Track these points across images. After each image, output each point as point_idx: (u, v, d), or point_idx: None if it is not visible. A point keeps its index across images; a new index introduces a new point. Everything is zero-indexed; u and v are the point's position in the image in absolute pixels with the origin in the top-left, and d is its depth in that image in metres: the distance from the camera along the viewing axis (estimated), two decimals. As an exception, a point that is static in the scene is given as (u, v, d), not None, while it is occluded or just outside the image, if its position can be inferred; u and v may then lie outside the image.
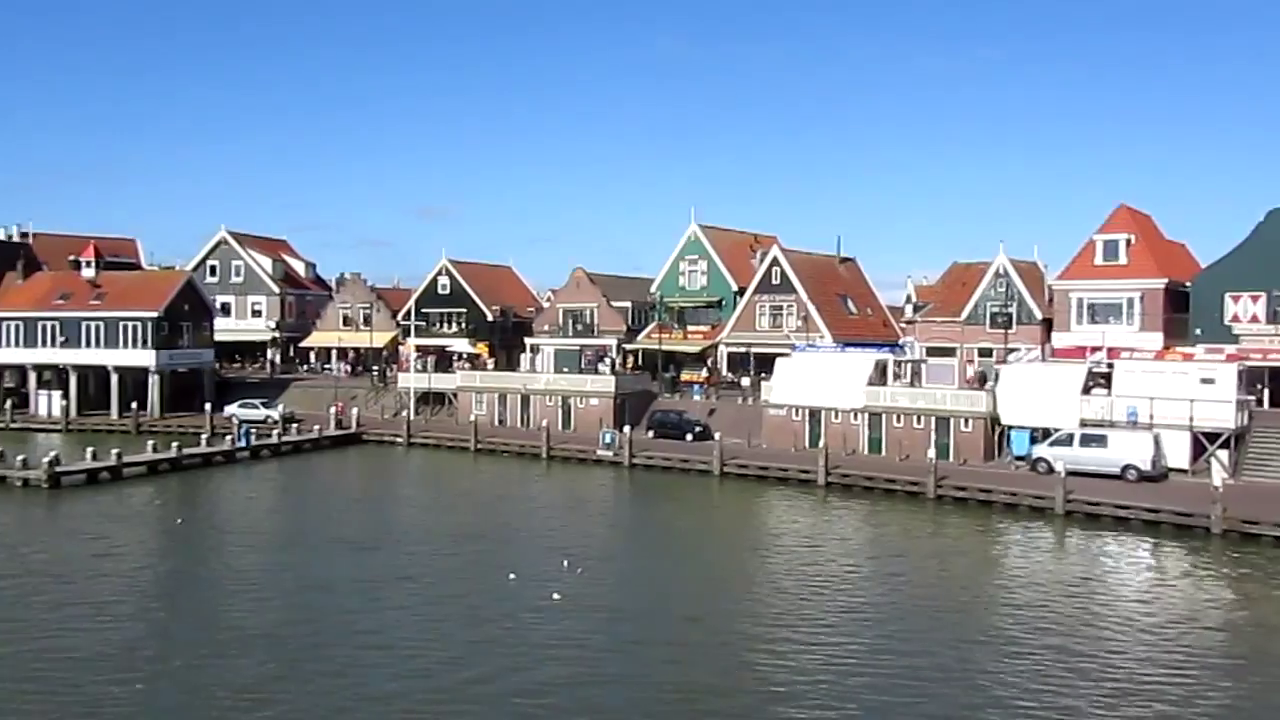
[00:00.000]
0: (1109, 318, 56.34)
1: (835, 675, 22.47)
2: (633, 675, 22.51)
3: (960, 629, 25.95)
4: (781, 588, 29.63)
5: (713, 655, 23.91)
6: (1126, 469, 42.22)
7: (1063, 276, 58.52)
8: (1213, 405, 43.23)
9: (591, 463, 52.93)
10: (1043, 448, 44.72)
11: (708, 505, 44.63)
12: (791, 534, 37.74)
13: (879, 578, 31.26)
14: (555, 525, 39.65)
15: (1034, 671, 22.81)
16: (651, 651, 24.05)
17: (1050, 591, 29.49)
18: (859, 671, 22.71)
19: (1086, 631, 25.69)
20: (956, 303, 61.93)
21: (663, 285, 75.02)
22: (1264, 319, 52.05)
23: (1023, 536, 37.15)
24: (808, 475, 46.31)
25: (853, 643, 24.72)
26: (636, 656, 23.75)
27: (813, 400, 52.70)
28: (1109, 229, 57.64)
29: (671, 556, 34.89)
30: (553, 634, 25.06)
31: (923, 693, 21.52)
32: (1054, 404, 46.51)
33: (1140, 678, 22.52)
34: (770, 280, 68.53)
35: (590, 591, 29.07)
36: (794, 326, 66.61)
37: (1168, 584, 31.23)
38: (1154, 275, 55.76)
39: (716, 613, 27.26)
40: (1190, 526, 36.52)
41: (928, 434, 49.06)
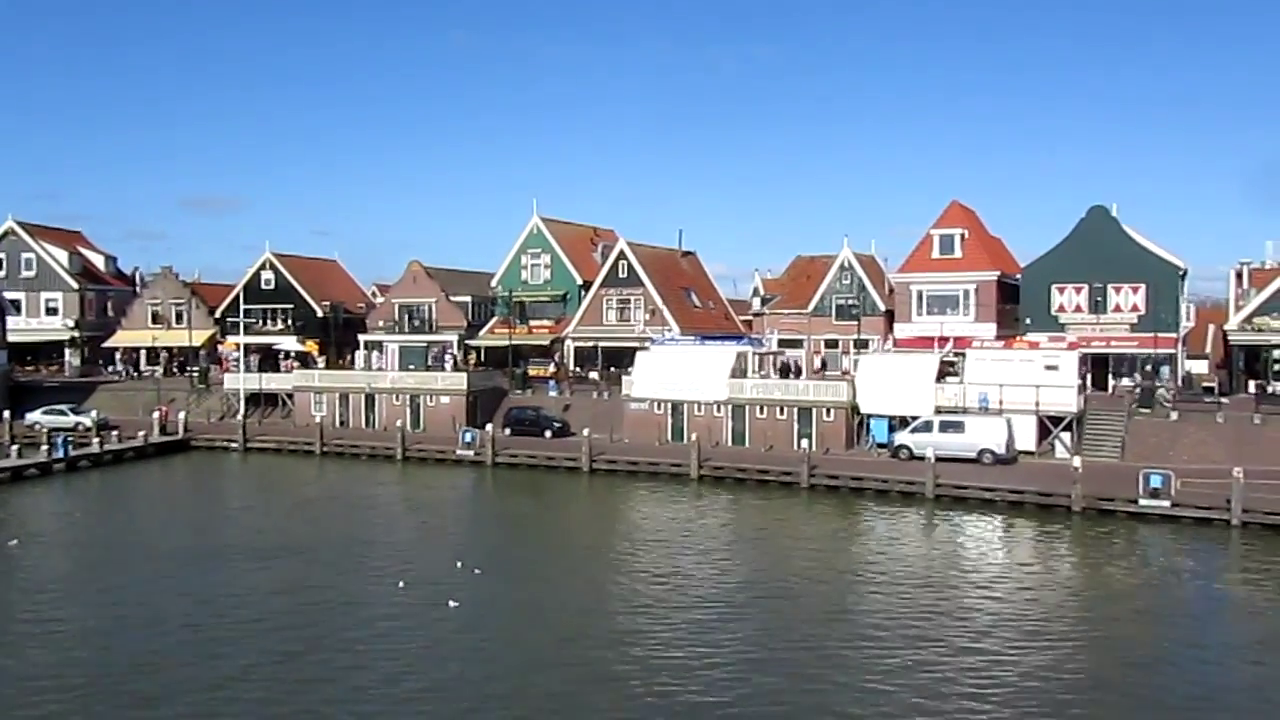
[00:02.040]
0: (947, 309, 59.05)
1: (732, 662, 22.49)
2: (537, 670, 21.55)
3: (840, 610, 26.55)
4: (664, 580, 29.36)
5: (608, 648, 23.51)
6: (983, 453, 44.22)
7: (902, 270, 60.91)
8: (1057, 391, 45.92)
9: (451, 463, 50.97)
10: (904, 435, 46.25)
11: (582, 502, 43.77)
12: (670, 528, 37.24)
13: (760, 566, 31.42)
14: (431, 529, 37.93)
15: (913, 645, 23.61)
16: (557, 650, 23.09)
17: (925, 570, 30.61)
18: (742, 656, 22.91)
19: (960, 606, 26.83)
20: (803, 295, 63.45)
21: (504, 279, 73.35)
22: (1086, 309, 55.84)
23: (897, 520, 38.22)
24: (679, 469, 46.18)
25: (739, 628, 24.91)
26: (538, 654, 22.74)
27: (675, 394, 52.65)
28: (944, 224, 60.42)
29: (559, 555, 33.82)
30: (454, 640, 23.72)
31: (801, 675, 21.79)
32: (910, 393, 48.22)
33: (1009, 643, 23.85)
34: (617, 273, 68.12)
35: (489, 595, 27.97)
36: (643, 320, 66.49)
37: (1033, 559, 33.02)
38: (987, 268, 58.85)
39: (610, 610, 26.65)
40: (1051, 506, 38.57)
41: (791, 424, 49.91)
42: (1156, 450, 44.36)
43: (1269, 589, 29.32)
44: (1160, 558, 33.55)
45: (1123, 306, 55.07)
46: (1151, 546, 34.45)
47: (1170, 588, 30.23)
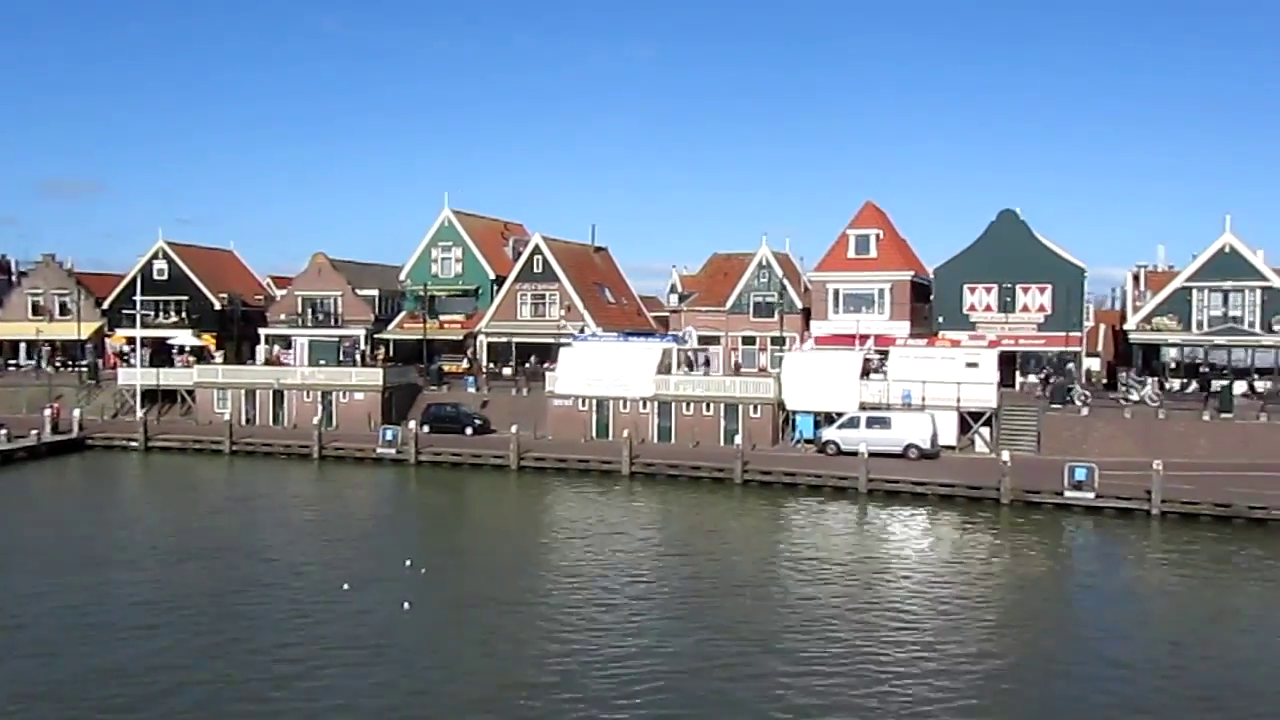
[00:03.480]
0: (862, 307, 60.17)
1: (661, 658, 22.44)
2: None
3: (782, 604, 26.79)
4: (601, 577, 29.20)
5: (552, 644, 23.41)
6: (909, 448, 45.16)
7: (819, 269, 61.82)
8: (977, 387, 47.27)
9: (371, 461, 49.43)
10: (832, 430, 46.91)
11: (515, 500, 43.00)
12: (607, 525, 36.85)
13: (699, 563, 31.34)
14: (363, 529, 36.79)
15: (853, 634, 24.15)
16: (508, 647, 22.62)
17: (862, 563, 31.18)
18: (683, 650, 22.96)
19: (897, 596, 27.51)
20: (720, 293, 63.79)
21: (413, 273, 71.67)
22: (996, 308, 57.65)
23: (832, 515, 38.73)
24: (611, 466, 45.82)
25: (682, 624, 24.97)
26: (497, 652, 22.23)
27: (600, 390, 52.25)
28: (859, 224, 61.56)
29: (501, 554, 33.01)
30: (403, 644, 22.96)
31: (735, 665, 22.01)
32: (835, 389, 48.95)
33: (945, 630, 24.66)
34: (532, 268, 67.31)
35: (442, 595, 27.33)
36: (558, 315, 65.88)
37: (966, 550, 33.88)
38: (901, 268, 60.21)
39: (558, 607, 26.28)
40: (980, 498, 39.64)
41: (718, 421, 50.11)
42: (1070, 444, 46.05)
43: (1187, 574, 30.80)
44: (1085, 547, 35.02)
45: (1030, 306, 57.05)
46: (1077, 536, 35.80)
47: (1094, 575, 31.65)
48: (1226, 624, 26.05)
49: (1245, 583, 30.44)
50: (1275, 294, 53.78)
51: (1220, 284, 54.65)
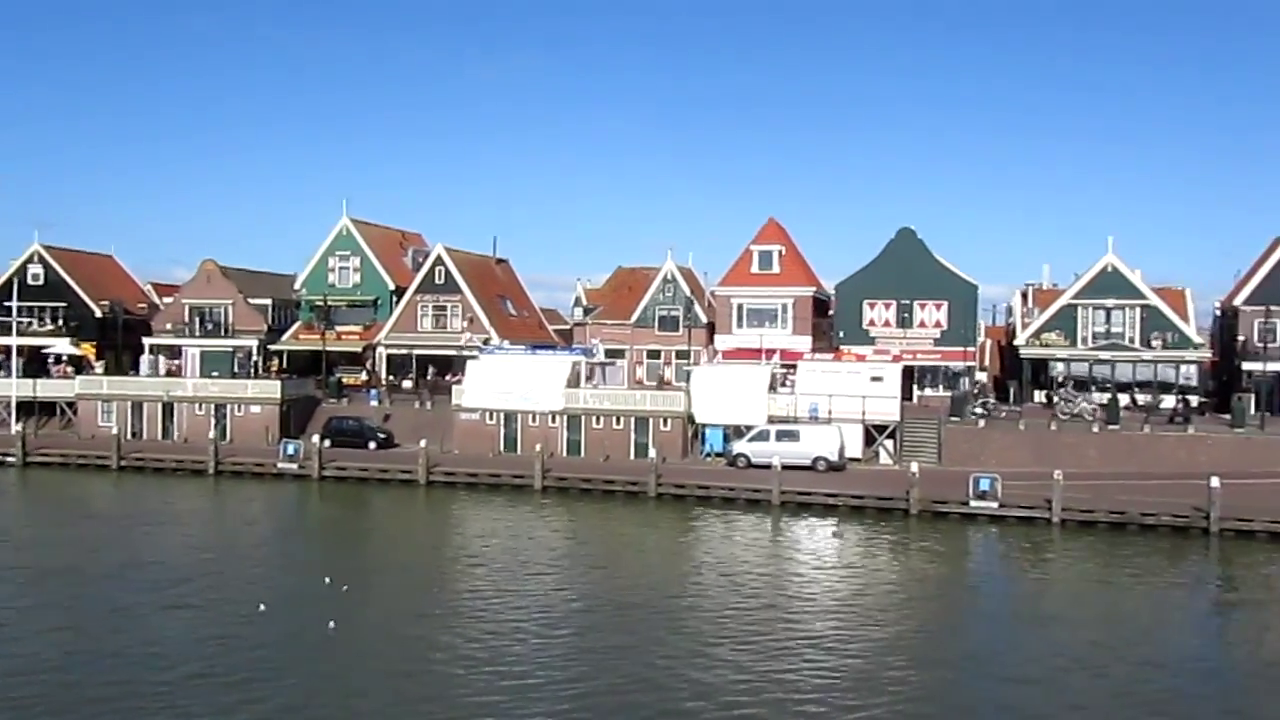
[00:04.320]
0: (766, 322, 61.13)
1: (575, 674, 22.33)
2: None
3: (695, 615, 26.92)
4: (524, 592, 28.85)
5: (485, 658, 23.17)
6: (817, 460, 45.97)
7: (723, 283, 62.56)
8: (881, 400, 48.46)
9: (271, 477, 47.73)
10: (742, 443, 47.41)
11: (426, 516, 42.21)
12: (521, 540, 36.51)
13: (617, 576, 31.40)
14: (272, 547, 35.62)
15: (768, 644, 24.41)
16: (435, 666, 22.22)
17: (776, 574, 31.82)
18: (600, 661, 22.96)
19: (810, 607, 28.06)
20: (625, 306, 63.92)
21: (309, 282, 69.72)
22: (895, 323, 59.30)
23: (746, 527, 39.16)
24: (522, 480, 45.33)
25: (599, 636, 24.91)
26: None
27: (508, 404, 51.68)
28: (762, 240, 62.57)
29: (418, 571, 32.18)
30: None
31: (654, 679, 21.90)
32: (744, 403, 49.54)
33: (857, 637, 25.26)
34: (433, 279, 66.29)
35: (366, 614, 26.55)
36: (460, 327, 65.01)
37: (876, 559, 34.87)
38: (803, 284, 61.41)
39: (485, 620, 25.88)
40: (890, 509, 40.60)
41: (628, 434, 50.13)
42: (969, 455, 47.56)
43: (1088, 579, 32.45)
44: (991, 555, 36.32)
45: (927, 322, 58.87)
46: (983, 545, 37.06)
47: (1001, 581, 33.04)
48: (1127, 625, 27.22)
49: (1140, 586, 31.88)
50: (1153, 311, 56.80)
51: (1103, 302, 57.43)
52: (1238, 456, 44.64)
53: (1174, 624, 28.20)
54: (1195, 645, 26.08)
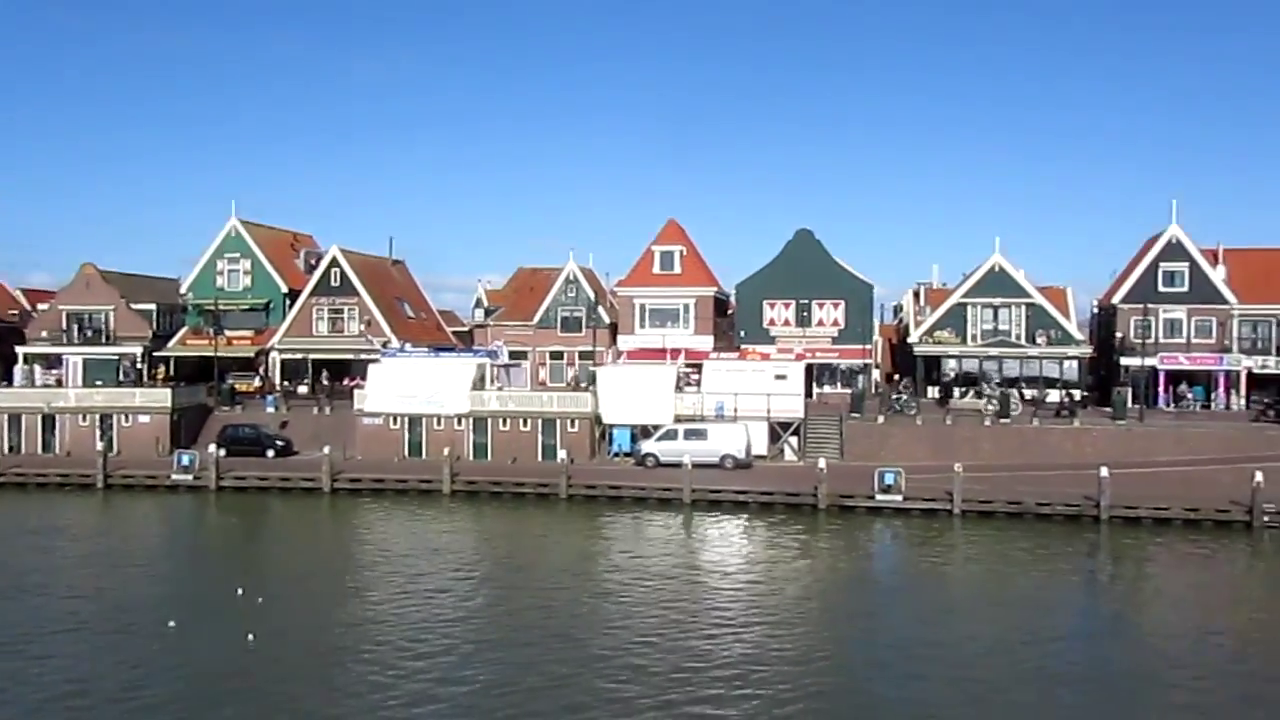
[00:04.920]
0: (668, 322, 61.63)
1: (499, 678, 22.26)
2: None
3: (609, 614, 27.17)
4: (440, 595, 28.78)
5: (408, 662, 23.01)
6: (725, 458, 46.57)
7: (624, 284, 62.81)
8: (785, 398, 49.37)
9: (165, 489, 45.82)
10: (650, 443, 47.67)
11: (331, 524, 41.23)
12: (431, 546, 36.11)
13: (528, 579, 31.39)
14: (177, 562, 34.36)
15: (680, 642, 24.68)
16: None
17: (690, 571, 32.24)
18: (508, 673, 22.65)
19: (723, 603, 28.49)
20: (527, 307, 63.57)
21: (196, 286, 67.31)
22: (794, 322, 60.45)
23: (658, 526, 39.48)
24: (431, 485, 44.70)
25: (509, 638, 24.93)
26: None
27: (413, 407, 50.84)
28: (663, 241, 63.03)
29: (329, 578, 31.47)
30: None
31: (572, 680, 21.99)
32: (651, 402, 49.83)
33: (761, 633, 25.74)
34: (329, 282, 64.75)
35: (283, 625, 26.00)
36: (358, 330, 63.69)
37: (788, 554, 35.60)
38: (705, 284, 62.11)
39: (405, 626, 25.60)
40: (799, 505, 41.41)
41: (535, 436, 49.88)
42: (869, 451, 48.79)
43: (989, 565, 34.04)
44: (897, 546, 37.47)
45: (825, 321, 60.18)
46: (888, 536, 38.16)
47: (907, 571, 34.36)
48: (1028, 609, 28.52)
49: (1038, 571, 33.37)
50: (1038, 310, 59.26)
51: (991, 300, 59.65)
52: (1120, 447, 46.87)
53: (1070, 605, 29.84)
54: (1090, 623, 27.73)
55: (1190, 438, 47.54)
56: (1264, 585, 32.70)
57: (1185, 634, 26.05)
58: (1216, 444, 46.58)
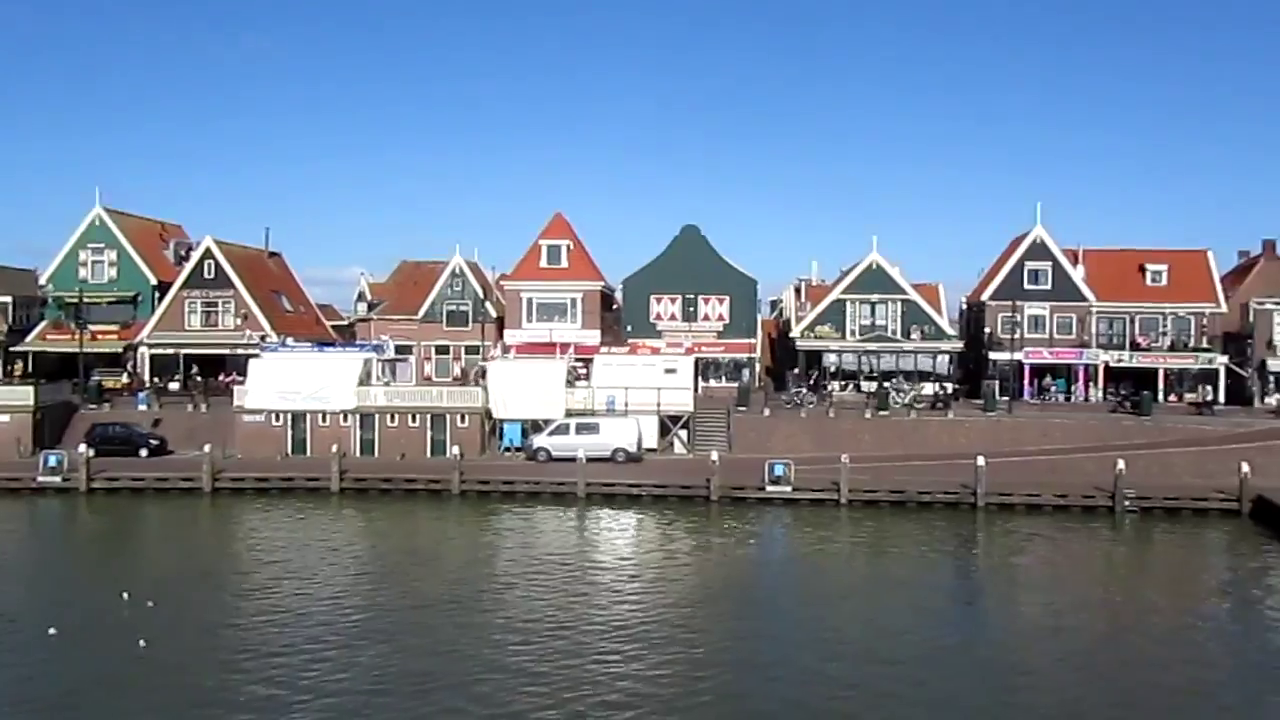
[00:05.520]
0: (555, 316, 61.62)
1: (386, 675, 22.27)
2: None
3: (504, 609, 27.28)
4: (332, 597, 28.43)
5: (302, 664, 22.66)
6: (616, 452, 46.88)
7: (512, 277, 62.52)
8: (676, 392, 50.05)
9: (29, 493, 43.36)
10: (542, 437, 47.64)
11: (214, 525, 39.86)
12: (319, 545, 35.43)
13: (420, 577, 31.02)
14: (51, 569, 32.78)
15: (574, 638, 24.95)
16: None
17: (586, 564, 32.73)
18: (397, 665, 22.80)
19: (618, 595, 28.96)
20: (412, 301, 62.60)
21: (57, 277, 63.99)
22: (680, 317, 61.27)
23: (552, 520, 39.68)
24: (318, 483, 43.70)
25: (399, 640, 24.61)
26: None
27: (296, 404, 49.48)
28: (550, 235, 62.92)
29: (216, 582, 30.50)
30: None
31: (465, 679, 22.04)
32: (542, 397, 49.77)
33: (653, 627, 26.14)
34: (202, 274, 62.37)
35: (175, 627, 25.32)
36: (234, 325, 61.62)
37: (682, 545, 36.37)
38: (592, 278, 62.32)
39: (302, 626, 25.43)
40: (692, 497, 42.11)
41: (424, 432, 49.26)
42: (757, 443, 49.91)
43: (875, 551, 35.65)
44: (787, 535, 38.47)
45: (711, 315, 61.21)
46: (778, 526, 39.20)
47: (797, 559, 35.50)
48: (912, 591, 29.97)
49: (922, 556, 34.98)
50: (912, 306, 61.53)
51: (869, 297, 61.65)
52: (991, 437, 49.14)
53: (950, 588, 31.51)
54: (968, 605, 29.46)
55: (1055, 428, 50.26)
56: (1125, 565, 34.94)
57: (1056, 611, 27.77)
58: (1079, 434, 49.38)
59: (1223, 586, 31.88)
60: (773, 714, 20.30)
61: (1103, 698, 21.26)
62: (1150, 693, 21.70)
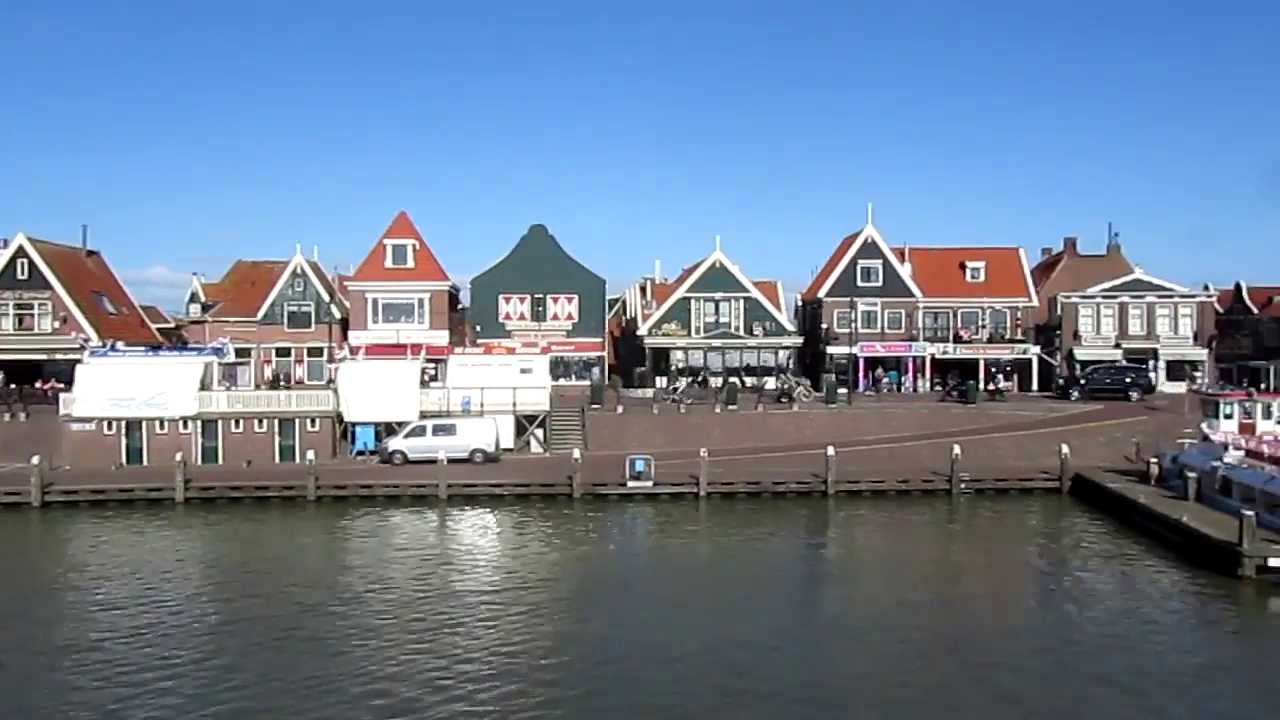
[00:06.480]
0: (402, 316, 60.63)
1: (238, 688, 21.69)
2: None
3: (359, 617, 26.63)
4: (183, 610, 27.22)
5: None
6: (474, 452, 46.66)
7: (357, 277, 61.12)
8: (532, 391, 50.19)
9: None
10: (398, 440, 46.90)
11: (46, 542, 37.31)
12: (166, 558, 33.53)
13: (275, 588, 29.88)
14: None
15: (424, 637, 24.78)
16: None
17: (448, 566, 32.19)
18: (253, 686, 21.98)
19: (483, 596, 28.61)
20: (250, 302, 60.29)
21: None
22: (529, 316, 61.43)
23: (414, 523, 39.18)
24: (160, 493, 41.67)
25: (257, 656, 23.69)
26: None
27: (131, 411, 46.95)
28: (395, 234, 61.87)
29: (47, 602, 28.67)
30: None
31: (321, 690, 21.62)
32: (396, 399, 48.98)
33: (511, 614, 26.57)
34: (15, 273, 58.28)
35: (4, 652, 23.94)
36: (52, 328, 57.81)
37: (546, 543, 36.24)
38: (439, 278, 61.63)
39: (144, 646, 24.29)
40: (554, 495, 42.44)
41: (272, 437, 47.66)
42: (612, 440, 50.66)
43: (735, 541, 36.76)
44: (650, 529, 39.13)
45: (560, 315, 61.64)
46: (641, 521, 39.93)
47: (660, 551, 36.08)
48: (769, 577, 31.39)
49: (779, 544, 36.51)
50: (754, 303, 63.73)
51: (713, 295, 63.48)
52: (834, 428, 51.53)
53: (805, 571, 33.05)
54: (822, 587, 31.02)
55: (891, 417, 53.18)
56: (961, 542, 37.45)
57: (900, 588, 29.67)
58: (913, 422, 52.45)
59: (1048, 555, 34.60)
60: (625, 709, 20.48)
61: (941, 668, 22.66)
62: (983, 660, 23.40)
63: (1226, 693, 21.40)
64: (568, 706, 20.52)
